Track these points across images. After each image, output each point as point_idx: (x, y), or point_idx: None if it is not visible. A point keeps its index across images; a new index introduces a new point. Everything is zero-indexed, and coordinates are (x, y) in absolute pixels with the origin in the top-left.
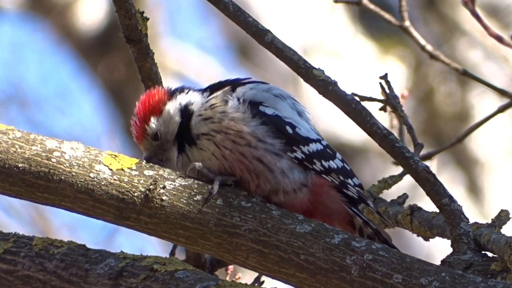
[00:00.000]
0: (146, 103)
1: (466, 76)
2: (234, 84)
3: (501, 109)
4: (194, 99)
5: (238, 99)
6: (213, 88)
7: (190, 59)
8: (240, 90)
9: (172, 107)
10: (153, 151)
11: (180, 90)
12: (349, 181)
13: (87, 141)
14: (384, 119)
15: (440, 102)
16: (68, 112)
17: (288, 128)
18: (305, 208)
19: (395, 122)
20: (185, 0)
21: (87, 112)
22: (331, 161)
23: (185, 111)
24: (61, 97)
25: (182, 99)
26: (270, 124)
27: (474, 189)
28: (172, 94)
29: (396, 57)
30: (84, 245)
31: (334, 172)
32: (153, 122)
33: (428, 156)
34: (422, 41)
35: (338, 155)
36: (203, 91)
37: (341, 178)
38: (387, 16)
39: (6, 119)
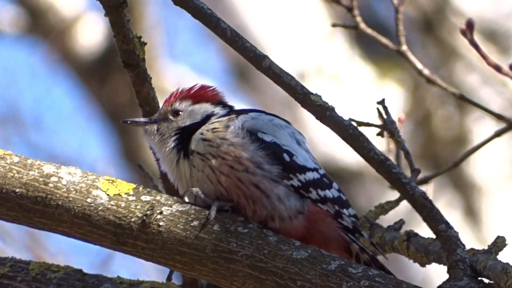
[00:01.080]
0: (198, 89)
1: (463, 101)
2: (239, 112)
3: (498, 134)
4: (219, 115)
5: (239, 126)
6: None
7: (188, 82)
8: (242, 117)
9: (205, 107)
10: (162, 119)
11: (226, 105)
12: (344, 211)
13: (85, 164)
14: (382, 142)
15: (438, 126)
16: (67, 134)
17: (285, 155)
18: (301, 235)
19: (392, 146)
20: (184, 23)
21: (86, 134)
22: (327, 191)
23: (206, 119)
24: (58, 119)
25: (217, 110)
26: (267, 150)
27: (471, 213)
28: (219, 102)
29: (394, 80)
30: (80, 270)
31: (329, 201)
32: (185, 104)
33: (425, 181)
34: (419, 66)
35: (334, 184)
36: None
37: (337, 207)
38: (384, 40)
39: (2, 140)
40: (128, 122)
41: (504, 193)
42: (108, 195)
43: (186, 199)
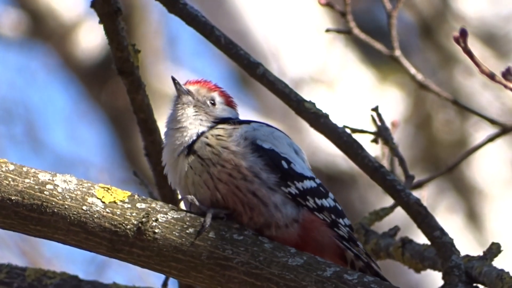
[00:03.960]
0: (230, 96)
1: (457, 106)
2: (243, 122)
3: (492, 138)
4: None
5: (241, 135)
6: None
7: None
8: (244, 127)
9: (229, 111)
10: (198, 98)
11: (239, 120)
12: (340, 220)
13: (84, 167)
14: (377, 148)
15: (439, 130)
16: (66, 138)
17: (283, 162)
18: (295, 243)
19: (387, 151)
20: (185, 28)
21: (86, 138)
22: (324, 200)
23: (221, 121)
24: (58, 122)
25: (235, 117)
26: (265, 157)
27: (473, 218)
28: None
29: (394, 84)
30: (76, 276)
31: (326, 210)
32: (220, 99)
33: (419, 185)
34: (413, 71)
35: (330, 194)
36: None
37: (333, 217)
38: (378, 45)
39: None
40: (175, 80)
41: (506, 196)
42: (103, 202)
43: (182, 205)
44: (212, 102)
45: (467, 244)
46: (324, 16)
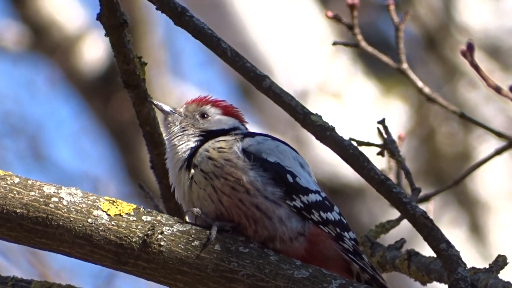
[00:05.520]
0: (230, 104)
1: (464, 119)
2: (247, 134)
3: (499, 152)
4: (240, 132)
5: (244, 149)
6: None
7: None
8: (247, 140)
9: (233, 122)
10: (186, 114)
11: (243, 132)
12: (346, 234)
13: (88, 181)
14: (383, 160)
15: (442, 143)
16: (70, 151)
17: (289, 176)
18: (300, 257)
19: (393, 164)
20: (189, 41)
21: (91, 152)
22: (329, 213)
23: (231, 130)
24: (62, 136)
25: (242, 127)
26: (271, 171)
27: (476, 230)
28: (243, 122)
29: (398, 97)
30: None
31: (331, 224)
32: (216, 110)
33: (426, 199)
34: (420, 84)
35: (335, 208)
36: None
37: (338, 230)
38: (385, 58)
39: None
40: (154, 103)
41: (510, 209)
42: (109, 215)
43: (187, 218)
44: (203, 115)
45: (470, 258)
46: (328, 28)
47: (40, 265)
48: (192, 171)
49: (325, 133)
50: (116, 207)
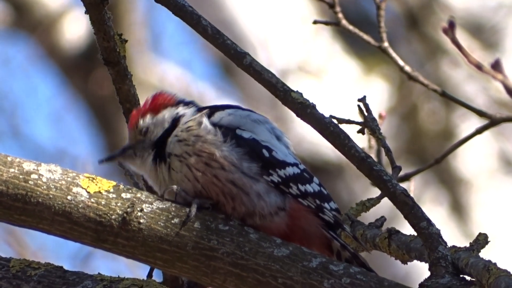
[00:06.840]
0: (152, 100)
1: (445, 97)
2: (213, 108)
3: (479, 131)
4: (187, 114)
5: (215, 124)
6: (207, 109)
7: (173, 77)
8: (218, 114)
9: (169, 113)
10: (134, 143)
11: (186, 103)
12: (326, 205)
13: (69, 158)
14: (363, 139)
15: (424, 121)
16: (51, 128)
17: (264, 151)
18: (282, 232)
19: (373, 142)
20: (170, 19)
21: (71, 129)
22: (307, 185)
23: (175, 122)
24: (43, 113)
25: (181, 110)
26: (246, 147)
27: (457, 209)
28: (178, 102)
29: (380, 75)
30: (61, 267)
31: (310, 196)
32: (148, 118)
33: (406, 178)
34: (401, 62)
35: (315, 179)
36: (200, 109)
37: (318, 202)
38: (365, 37)
39: None
40: (104, 160)
41: (491, 187)
42: (88, 192)
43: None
44: (143, 132)
45: (452, 236)
46: (309, 6)
47: (18, 245)
48: (168, 159)
49: (306, 111)
50: (96, 184)
